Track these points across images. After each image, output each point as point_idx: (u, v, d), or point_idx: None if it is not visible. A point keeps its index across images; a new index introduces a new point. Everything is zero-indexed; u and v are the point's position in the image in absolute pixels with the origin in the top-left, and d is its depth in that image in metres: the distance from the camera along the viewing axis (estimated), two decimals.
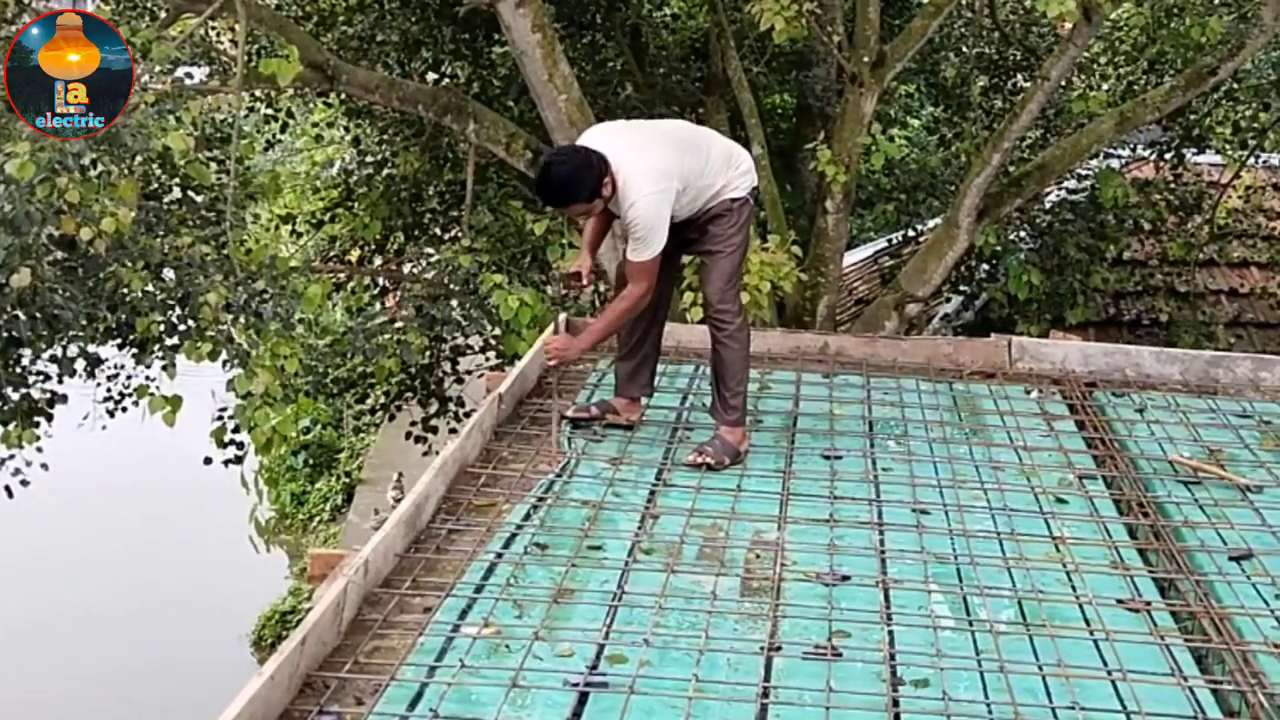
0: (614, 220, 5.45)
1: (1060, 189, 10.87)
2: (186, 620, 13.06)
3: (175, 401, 7.14)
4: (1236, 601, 4.14)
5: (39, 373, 7.32)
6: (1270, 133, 10.73)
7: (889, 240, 12.97)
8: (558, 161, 5.22)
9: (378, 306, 10.94)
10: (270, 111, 11.60)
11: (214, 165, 8.55)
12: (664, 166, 5.09)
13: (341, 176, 12.40)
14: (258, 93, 10.73)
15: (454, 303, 8.87)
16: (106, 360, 7.96)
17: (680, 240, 5.33)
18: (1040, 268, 9.91)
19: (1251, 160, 11.03)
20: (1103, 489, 5.14)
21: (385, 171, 11.64)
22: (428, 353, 9.64)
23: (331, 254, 11.94)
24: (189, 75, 9.11)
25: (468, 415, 9.39)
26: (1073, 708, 3.45)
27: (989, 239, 9.62)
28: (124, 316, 7.10)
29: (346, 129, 12.46)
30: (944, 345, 7.07)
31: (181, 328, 7.23)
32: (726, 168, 5.31)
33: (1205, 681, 3.64)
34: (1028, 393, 6.35)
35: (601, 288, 8.71)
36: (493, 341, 10.06)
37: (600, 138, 5.26)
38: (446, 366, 10.36)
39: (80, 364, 7.44)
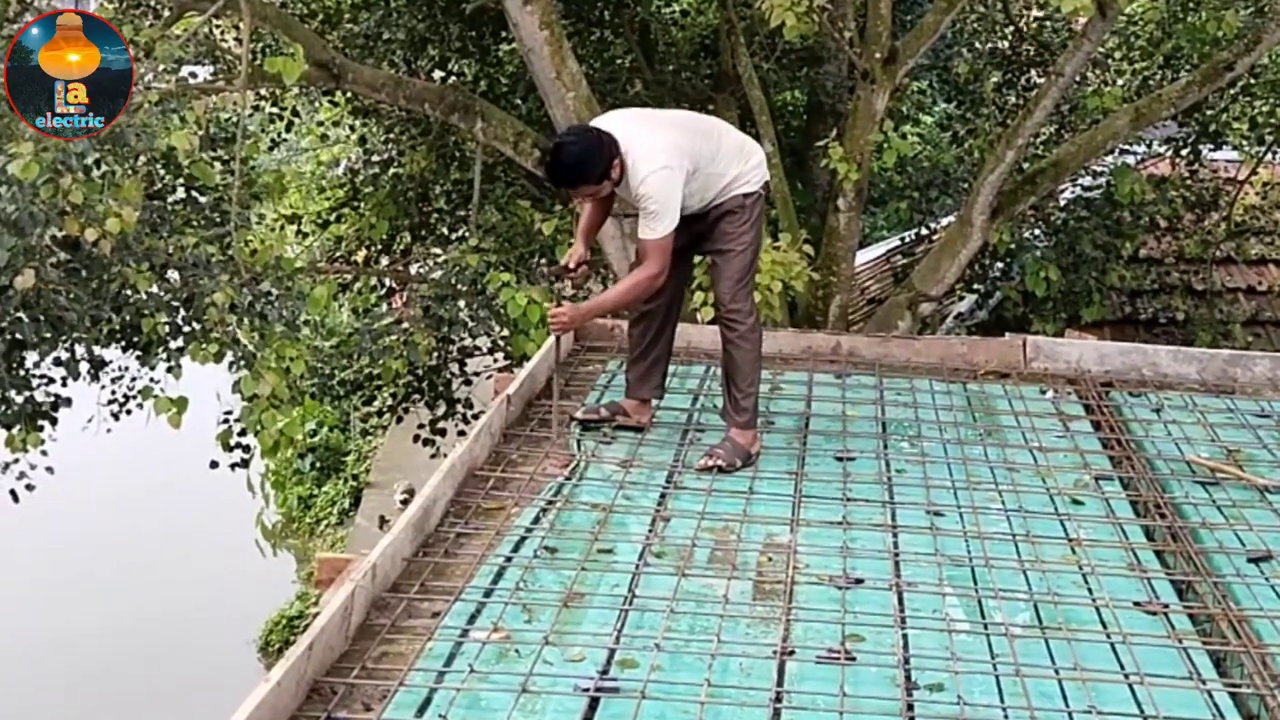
0: (610, 210, 5.42)
1: (1075, 186, 10.80)
2: (193, 625, 13.06)
3: (181, 403, 7.10)
4: (1255, 604, 4.09)
5: (43, 376, 7.29)
6: None
7: (901, 239, 12.90)
8: (569, 141, 5.19)
9: (384, 307, 10.92)
10: (275, 110, 11.57)
11: (219, 165, 8.52)
12: (674, 145, 5.07)
13: (347, 176, 12.38)
14: (263, 91, 10.70)
15: (461, 303, 8.82)
16: (111, 362, 7.93)
17: (692, 237, 5.27)
18: (1056, 265, 9.84)
19: (1269, 156, 10.93)
20: (1119, 490, 5.09)
21: (392, 171, 11.62)
22: (435, 354, 9.61)
23: (337, 254, 11.91)
24: (193, 74, 9.05)
25: (476, 417, 9.37)
26: (1089, 712, 3.41)
27: (1003, 237, 9.56)
28: (128, 318, 7.08)
29: (352, 128, 12.44)
30: (958, 345, 7.00)
31: (186, 329, 7.20)
32: (739, 158, 5.27)
33: (1224, 685, 3.61)
34: (1043, 393, 6.29)
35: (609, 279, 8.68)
36: (501, 342, 10.02)
37: (611, 122, 5.24)
38: (454, 368, 10.33)
39: (85, 366, 7.41)
